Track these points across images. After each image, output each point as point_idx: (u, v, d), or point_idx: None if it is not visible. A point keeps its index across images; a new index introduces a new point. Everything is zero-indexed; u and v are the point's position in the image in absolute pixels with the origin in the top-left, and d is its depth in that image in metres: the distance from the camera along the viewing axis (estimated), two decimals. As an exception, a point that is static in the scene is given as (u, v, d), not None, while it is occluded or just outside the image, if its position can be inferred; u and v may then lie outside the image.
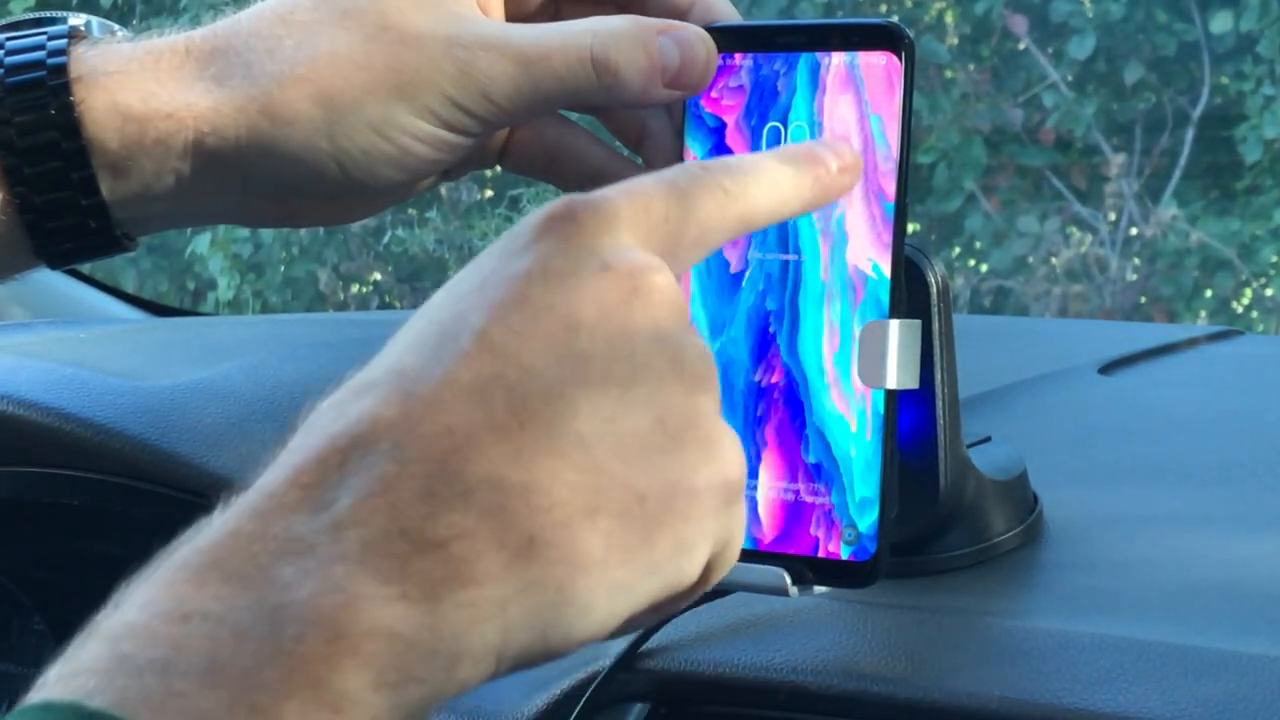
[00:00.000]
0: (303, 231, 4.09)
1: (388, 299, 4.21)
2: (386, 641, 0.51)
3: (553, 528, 0.53)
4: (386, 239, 4.13)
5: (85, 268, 1.61)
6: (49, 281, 1.53)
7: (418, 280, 4.17)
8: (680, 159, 0.69)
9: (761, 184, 0.60)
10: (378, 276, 4.26)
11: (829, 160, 0.61)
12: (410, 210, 4.07)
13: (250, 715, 0.49)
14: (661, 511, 0.55)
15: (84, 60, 0.71)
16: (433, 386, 0.54)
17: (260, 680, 0.49)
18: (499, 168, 0.77)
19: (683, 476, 0.55)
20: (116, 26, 0.75)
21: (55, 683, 0.49)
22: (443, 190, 3.90)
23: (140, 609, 0.51)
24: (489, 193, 4.14)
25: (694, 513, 0.56)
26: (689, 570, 0.56)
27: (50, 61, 0.70)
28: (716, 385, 0.57)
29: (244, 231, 4.14)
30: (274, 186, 0.72)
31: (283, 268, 4.30)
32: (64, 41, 0.71)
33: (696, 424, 0.56)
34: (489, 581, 0.52)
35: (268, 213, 0.75)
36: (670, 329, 0.56)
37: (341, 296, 4.25)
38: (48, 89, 0.70)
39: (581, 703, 0.78)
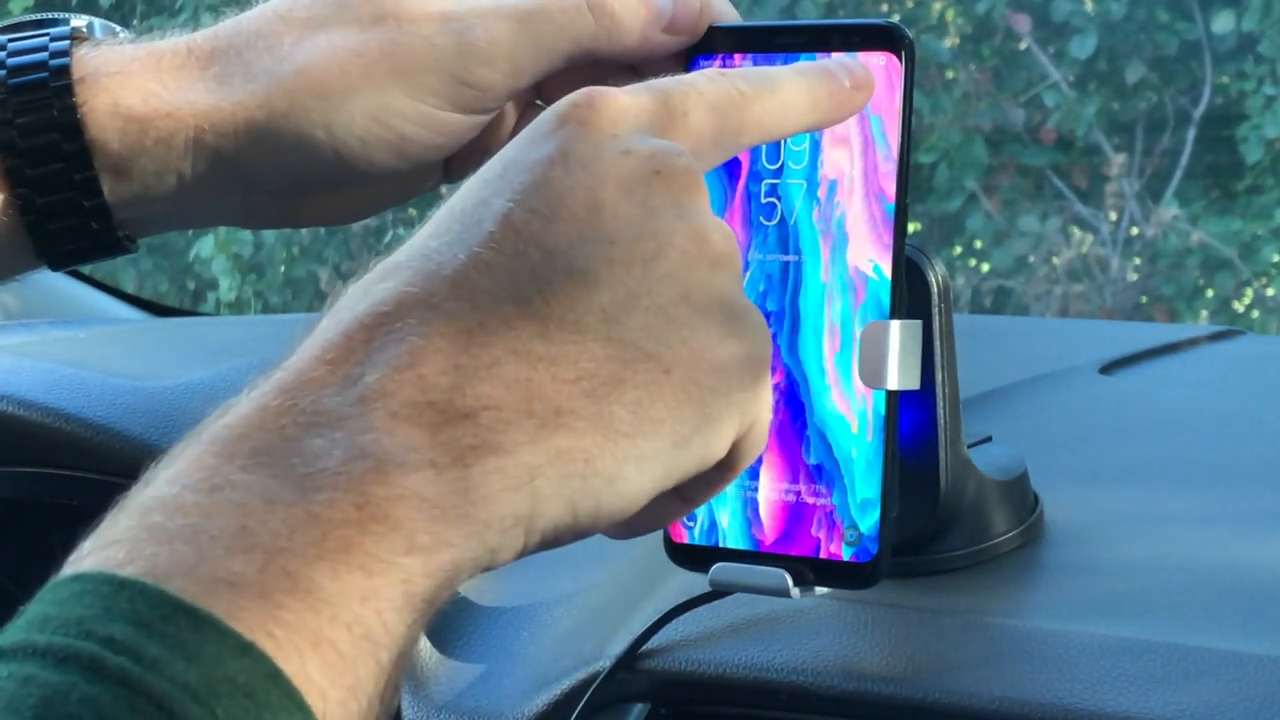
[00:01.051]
0: (304, 231, 4.10)
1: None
2: (416, 506, 0.52)
3: (579, 399, 0.54)
4: (388, 239, 4.14)
5: (85, 268, 1.61)
6: (49, 281, 1.53)
7: (419, 280, 4.15)
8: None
9: (777, 91, 0.61)
10: (379, 276, 4.24)
11: (842, 77, 0.63)
12: (411, 210, 4.06)
13: (282, 578, 0.49)
14: (688, 384, 0.56)
15: (86, 62, 0.71)
16: (457, 266, 0.55)
17: (291, 545, 0.50)
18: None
19: (708, 350, 0.57)
20: (118, 28, 0.75)
21: (88, 555, 0.50)
22: (444, 190, 3.90)
23: (169, 483, 0.51)
24: (490, 192, 4.13)
25: (720, 386, 0.57)
26: (716, 445, 0.57)
27: (53, 63, 0.70)
28: (739, 263, 0.59)
29: (245, 233, 4.14)
30: (274, 183, 0.72)
31: (284, 268, 4.30)
32: (66, 43, 0.71)
33: (720, 300, 0.57)
34: (517, 450, 0.53)
35: (269, 212, 0.76)
36: (692, 208, 0.57)
37: (343, 296, 4.24)
38: (50, 90, 0.70)
39: (582, 703, 0.78)
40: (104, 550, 0.50)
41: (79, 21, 0.74)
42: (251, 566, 0.49)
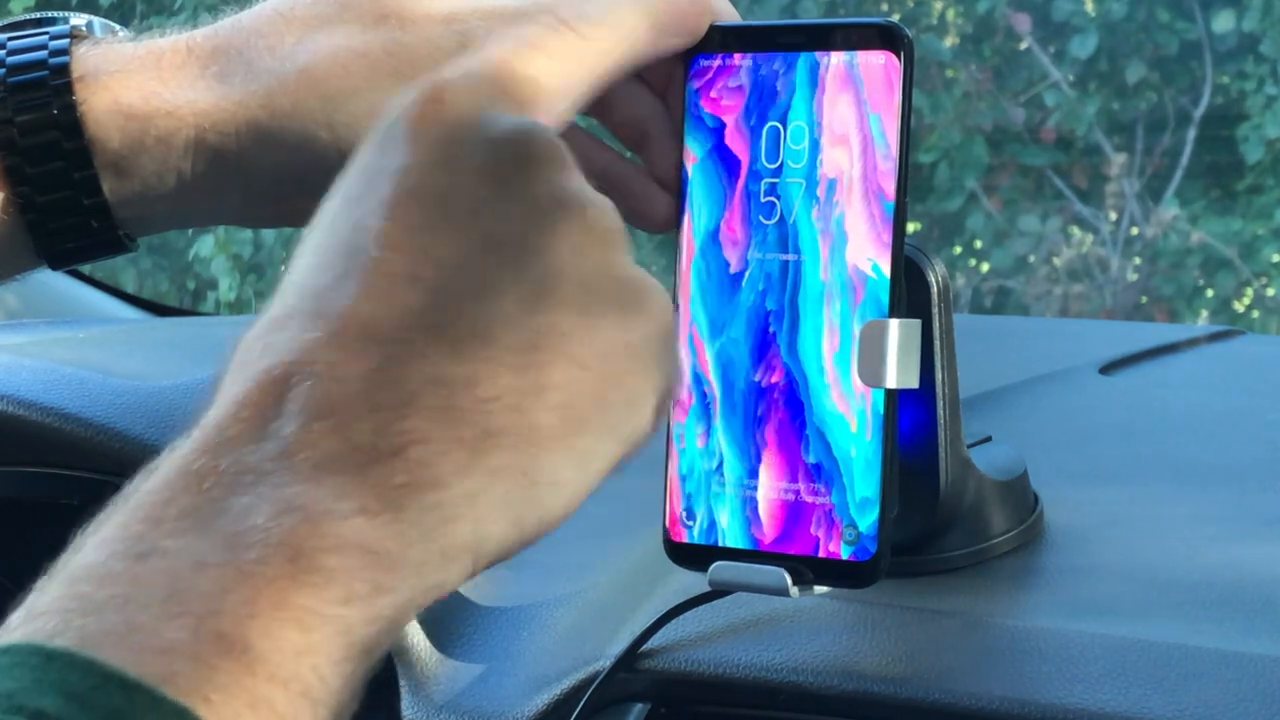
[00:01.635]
0: (303, 231, 4.09)
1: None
2: (351, 555, 0.50)
3: (505, 414, 0.53)
4: (388, 238, 4.12)
5: (85, 268, 1.61)
6: (49, 281, 1.53)
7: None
8: (680, 160, 0.69)
9: (613, 21, 0.61)
10: (379, 276, 4.24)
11: None
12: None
13: (215, 640, 0.48)
14: (606, 375, 0.55)
15: (86, 60, 0.71)
16: (351, 302, 0.53)
17: (223, 605, 0.48)
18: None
19: (617, 334, 0.55)
20: (118, 26, 0.75)
21: (17, 627, 0.49)
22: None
23: (97, 549, 0.50)
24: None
25: (636, 367, 0.55)
26: (642, 423, 0.56)
27: (52, 61, 0.70)
28: (624, 235, 0.57)
29: (246, 233, 4.14)
30: (276, 183, 0.72)
31: (284, 268, 4.30)
32: (66, 41, 0.71)
33: (616, 279, 0.56)
34: (452, 480, 0.52)
35: (270, 212, 0.76)
36: (568, 188, 0.56)
37: (343, 296, 4.23)
38: (50, 89, 0.70)
39: (582, 703, 0.78)
40: (33, 622, 0.49)
41: (78, 20, 0.73)
42: (184, 631, 0.48)
